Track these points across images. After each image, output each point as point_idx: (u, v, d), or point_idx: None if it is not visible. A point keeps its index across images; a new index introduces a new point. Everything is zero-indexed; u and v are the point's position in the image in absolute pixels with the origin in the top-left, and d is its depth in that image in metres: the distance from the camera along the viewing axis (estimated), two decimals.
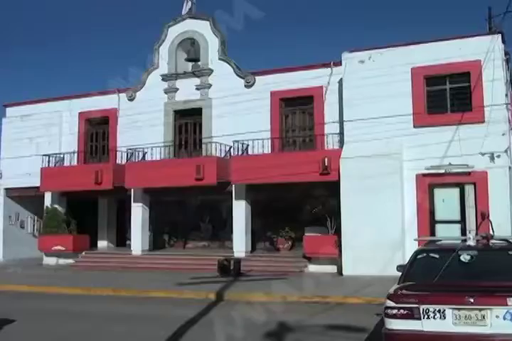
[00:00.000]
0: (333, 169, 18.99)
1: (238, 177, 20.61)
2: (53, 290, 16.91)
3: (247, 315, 12.08)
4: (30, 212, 28.01)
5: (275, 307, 13.20)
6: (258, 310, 12.73)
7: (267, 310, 12.81)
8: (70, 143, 26.02)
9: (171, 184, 21.55)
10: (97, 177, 22.89)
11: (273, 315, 11.85)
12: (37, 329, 10.93)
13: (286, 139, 22.25)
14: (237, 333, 10.23)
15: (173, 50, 24.34)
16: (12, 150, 26.44)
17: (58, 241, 23.83)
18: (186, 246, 24.75)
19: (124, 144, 24.17)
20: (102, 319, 11.99)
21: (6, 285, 18.03)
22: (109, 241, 26.43)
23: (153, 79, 24.67)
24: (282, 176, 19.17)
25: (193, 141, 23.95)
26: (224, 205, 23.48)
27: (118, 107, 25.18)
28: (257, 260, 20.48)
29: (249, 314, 12.25)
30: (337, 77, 20.57)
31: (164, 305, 13.86)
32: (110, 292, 16.05)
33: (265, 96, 22.06)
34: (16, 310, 12.87)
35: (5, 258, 26.45)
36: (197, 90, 23.63)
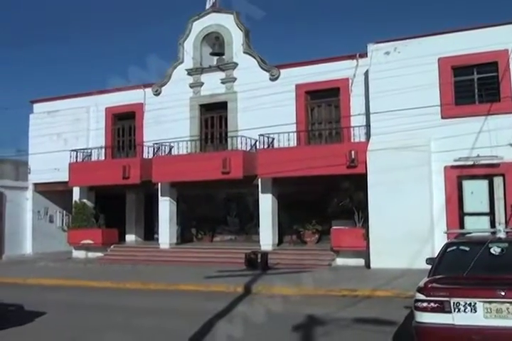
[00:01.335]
0: (360, 162, 18.88)
1: (264, 171, 20.60)
2: (83, 283, 17.14)
3: (275, 308, 12.12)
4: (58, 206, 28.39)
5: (303, 300, 13.23)
6: (286, 303, 12.76)
7: (295, 303, 12.85)
8: (98, 138, 26.28)
9: (198, 178, 21.63)
10: (124, 171, 23.08)
11: (301, 308, 11.87)
12: (67, 322, 11.09)
13: (312, 132, 22.16)
14: (266, 326, 10.28)
15: (197, 44, 24.38)
16: (40, 145, 26.77)
17: (87, 235, 24.13)
18: (213, 240, 24.86)
19: (151, 139, 24.31)
20: (132, 312, 12.11)
21: (37, 279, 18.33)
22: (137, 234, 26.66)
23: (178, 74, 24.75)
24: (309, 169, 19.09)
25: (219, 134, 24.00)
26: (250, 199, 23.53)
27: (144, 102, 25.32)
28: (284, 253, 20.48)
29: (277, 307, 12.29)
30: (363, 69, 20.39)
31: (193, 299, 13.95)
32: (139, 285, 16.20)
33: (290, 89, 21.98)
34: (46, 303, 13.06)
35: (34, 252, 26.86)
36: (222, 84, 23.64)
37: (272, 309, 12.03)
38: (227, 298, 13.18)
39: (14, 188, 27.04)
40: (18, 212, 26.93)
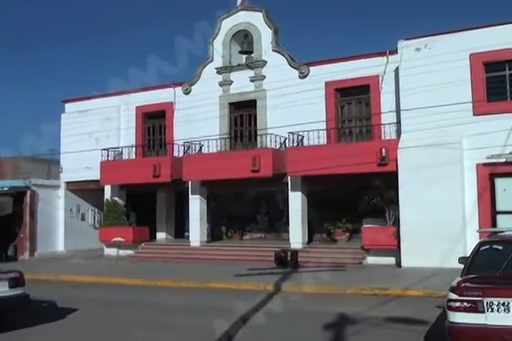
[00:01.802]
0: (390, 159, 18.73)
1: (294, 169, 20.57)
2: (114, 280, 17.33)
3: (305, 307, 12.11)
4: (90, 204, 28.74)
5: (333, 299, 13.20)
6: (316, 302, 12.75)
7: (326, 301, 12.82)
8: (128, 137, 26.52)
9: (227, 176, 21.69)
10: (155, 170, 23.25)
11: (332, 306, 11.84)
12: (99, 319, 11.23)
13: (343, 130, 22.06)
14: (297, 324, 10.28)
15: (226, 42, 24.43)
16: (72, 144, 27.12)
17: (119, 233, 24.36)
18: (243, 238, 24.92)
19: (181, 137, 24.45)
20: (163, 309, 12.20)
21: (69, 276, 18.62)
22: (168, 232, 26.85)
23: (208, 73, 24.83)
24: (339, 167, 18.98)
25: (248, 132, 24.03)
26: (280, 197, 23.53)
27: (174, 101, 25.47)
28: (314, 251, 20.42)
29: (307, 305, 12.28)
30: (393, 66, 20.20)
31: (223, 296, 14.01)
32: (170, 283, 16.32)
33: (320, 87, 21.89)
34: (78, 300, 13.25)
35: (67, 249, 27.24)
36: (251, 82, 23.66)
37: (302, 307, 12.03)
38: (258, 296, 13.19)
39: (46, 187, 27.45)
40: (50, 210, 27.34)
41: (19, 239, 26.35)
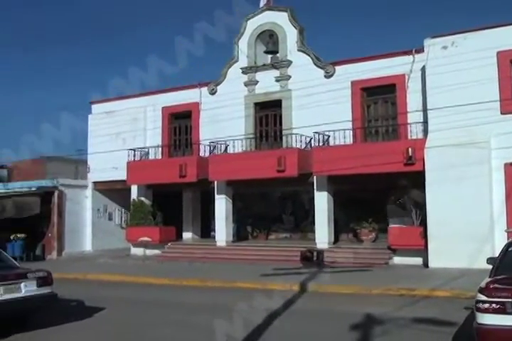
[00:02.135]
0: (417, 159, 18.56)
1: (320, 169, 20.50)
2: (141, 280, 17.46)
3: (331, 307, 12.08)
4: (117, 204, 28.99)
5: (360, 299, 13.14)
6: (343, 302, 12.70)
7: (352, 301, 12.77)
8: (155, 137, 26.68)
9: (253, 176, 21.70)
10: (181, 170, 23.36)
11: (358, 306, 11.79)
12: (126, 318, 11.32)
13: (369, 129, 21.92)
14: (323, 324, 10.25)
15: (252, 42, 24.44)
16: (99, 145, 27.37)
17: (145, 233, 24.52)
18: (269, 238, 24.92)
19: (207, 137, 24.52)
20: (189, 309, 12.26)
21: (97, 275, 18.81)
22: (194, 232, 26.96)
23: (233, 73, 24.88)
24: (365, 167, 18.86)
25: (274, 132, 24.01)
26: (306, 197, 23.48)
27: (200, 101, 25.57)
28: (340, 251, 20.33)
29: (333, 305, 12.25)
30: (420, 65, 20.02)
31: (249, 296, 13.99)
32: (196, 282, 16.39)
33: (346, 86, 21.79)
34: (105, 299, 13.37)
35: (94, 249, 27.52)
36: (276, 82, 23.64)
37: (328, 307, 12.01)
38: (284, 296, 13.18)
39: (74, 187, 27.75)
40: (77, 210, 27.63)
41: (47, 238, 26.68)
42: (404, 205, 19.43)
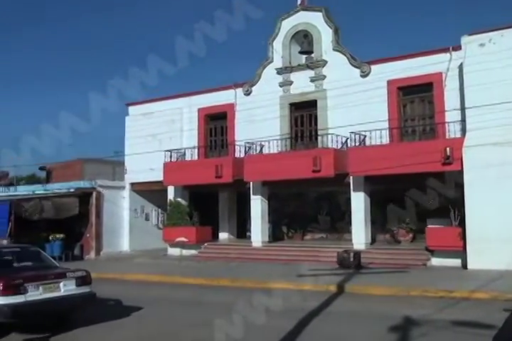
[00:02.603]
0: (455, 158, 18.27)
1: (356, 169, 20.35)
2: (178, 279, 17.58)
3: (369, 308, 11.97)
4: (154, 204, 29.26)
5: (398, 300, 12.99)
6: (380, 303, 12.57)
7: (390, 303, 12.63)
8: (191, 138, 26.87)
9: (289, 176, 21.67)
10: (217, 171, 23.45)
11: (396, 308, 11.67)
12: (163, 317, 11.40)
13: (405, 129, 21.68)
14: (361, 326, 10.16)
15: (286, 43, 24.41)
16: (136, 146, 27.67)
17: (182, 233, 24.68)
18: (304, 238, 24.84)
19: (242, 138, 24.59)
20: (225, 309, 12.26)
21: (134, 275, 19.02)
22: (230, 232, 27.05)
23: (268, 73, 24.89)
24: (402, 167, 18.65)
25: (309, 133, 23.94)
26: (342, 197, 23.32)
27: (235, 102, 25.64)
28: (377, 252, 20.16)
29: (371, 307, 12.14)
30: (457, 62, 19.73)
31: (285, 297, 13.94)
32: (232, 283, 16.42)
33: (382, 86, 21.60)
34: (143, 298, 13.49)
35: (131, 249, 27.82)
36: (311, 82, 23.55)
37: (366, 309, 11.90)
38: (320, 297, 13.12)
39: (112, 188, 28.12)
40: (115, 210, 27.99)
41: (85, 238, 27.09)
42: (442, 205, 19.09)
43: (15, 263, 11.13)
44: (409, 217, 21.14)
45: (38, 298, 9.60)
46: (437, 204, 19.38)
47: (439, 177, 18.74)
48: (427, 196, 20.22)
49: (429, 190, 19.77)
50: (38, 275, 10.06)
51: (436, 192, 19.38)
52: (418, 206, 20.57)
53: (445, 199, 19.11)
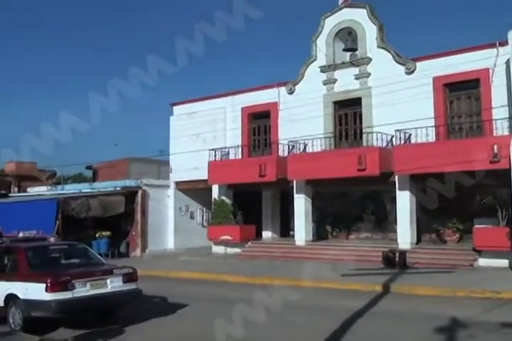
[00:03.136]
0: (503, 156, 17.84)
1: (402, 167, 20.06)
2: (222, 277, 17.68)
3: (415, 308, 11.83)
4: (198, 203, 29.48)
5: (444, 301, 12.79)
6: (426, 304, 12.40)
7: (436, 303, 12.46)
8: (234, 137, 26.97)
9: (333, 175, 21.52)
10: (261, 169, 23.47)
11: (442, 309, 11.51)
12: (208, 315, 11.44)
13: (452, 126, 21.29)
14: (407, 326, 10.05)
15: (330, 40, 24.27)
16: (180, 145, 27.96)
17: (226, 231, 24.85)
18: (349, 237, 24.66)
19: (285, 137, 24.56)
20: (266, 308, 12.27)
21: (179, 272, 19.22)
22: (273, 231, 27.04)
23: (311, 72, 24.78)
24: (449, 165, 18.32)
25: (354, 131, 23.74)
26: (387, 196, 23.05)
27: (279, 101, 25.62)
28: (423, 252, 19.86)
29: (417, 307, 11.98)
30: (504, 58, 19.29)
31: (330, 296, 13.93)
32: (275, 281, 16.41)
33: (427, 83, 21.27)
34: (188, 296, 13.62)
35: (176, 247, 28.10)
36: (356, 80, 23.36)
37: (411, 309, 11.76)
38: (365, 297, 13.02)
39: (157, 186, 28.46)
40: (160, 208, 28.31)
41: (131, 236, 27.49)
42: (489, 205, 18.70)
43: (63, 260, 11.40)
44: (456, 216, 20.78)
45: (85, 294, 9.81)
46: (484, 204, 18.98)
47: (487, 176, 18.35)
48: (474, 195, 19.85)
49: (476, 189, 19.40)
50: (86, 272, 10.28)
51: (484, 191, 18.99)
52: (465, 205, 20.22)
53: (493, 198, 18.70)
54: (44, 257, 11.30)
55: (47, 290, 9.43)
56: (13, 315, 10.00)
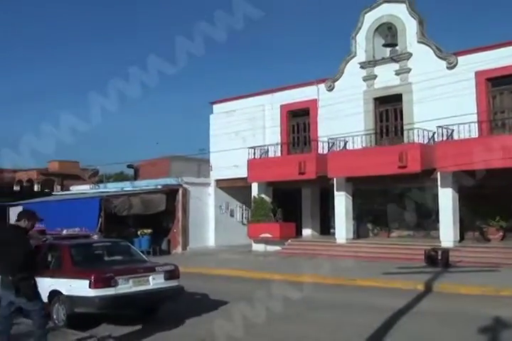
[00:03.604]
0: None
1: (444, 164, 19.75)
2: (263, 275, 17.68)
3: (458, 308, 11.64)
4: (238, 201, 29.60)
5: (488, 300, 12.56)
6: (470, 303, 12.19)
7: (480, 303, 12.24)
8: (273, 135, 26.96)
9: (373, 172, 21.30)
10: (300, 167, 23.40)
11: (487, 309, 11.28)
12: (249, 312, 11.43)
13: (495, 122, 20.86)
14: (450, 326, 9.90)
15: (370, 36, 24.03)
16: (220, 143, 28.16)
17: (266, 229, 24.88)
18: (390, 235, 24.41)
19: (325, 134, 24.43)
20: (308, 305, 12.25)
21: (219, 270, 19.32)
22: (313, 229, 26.97)
23: (351, 68, 24.60)
24: (493, 161, 17.93)
25: (394, 127, 23.48)
26: (429, 193, 22.68)
27: (318, 98, 25.50)
28: (466, 250, 19.53)
29: (460, 306, 11.79)
30: None
31: (370, 294, 13.81)
32: (316, 279, 16.32)
33: (469, 77, 20.87)
34: (228, 293, 13.66)
35: (217, 244, 28.26)
36: (396, 76, 23.07)
37: (454, 309, 11.58)
38: (407, 295, 12.87)
39: (197, 184, 28.69)
40: (201, 206, 28.52)
41: (172, 234, 27.78)
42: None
43: (106, 257, 11.57)
44: (500, 214, 20.37)
45: (127, 290, 9.92)
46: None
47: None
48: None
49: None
50: (128, 269, 10.40)
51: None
52: (508, 203, 19.79)
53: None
54: (87, 254, 11.48)
55: (90, 286, 9.57)
56: (56, 311, 10.18)
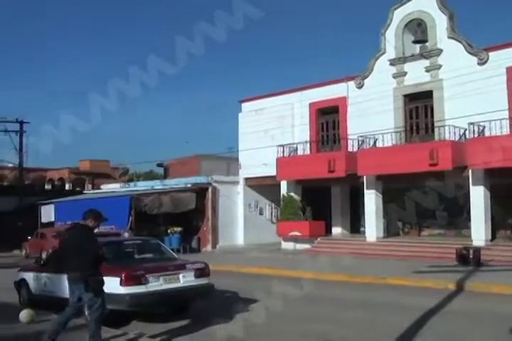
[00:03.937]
0: None
1: (476, 161, 19.48)
2: (292, 273, 17.62)
3: (490, 308, 11.48)
4: (267, 199, 29.62)
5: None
6: (503, 303, 12.02)
7: (511, 303, 12.03)
8: (302, 133, 26.90)
9: (404, 170, 21.11)
10: (329, 165, 23.30)
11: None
12: (279, 312, 11.43)
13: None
14: (481, 325, 9.76)
15: (399, 33, 23.81)
16: (249, 142, 28.20)
17: (295, 227, 24.85)
18: (421, 234, 24.18)
19: (355, 132, 24.28)
20: (338, 304, 12.19)
21: (249, 268, 19.35)
22: (343, 227, 26.83)
23: (380, 65, 24.42)
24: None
25: (425, 125, 23.24)
26: (460, 191, 22.40)
27: (347, 95, 25.37)
28: (498, 249, 19.26)
29: (493, 306, 11.62)
30: None
31: (401, 293, 13.69)
32: (346, 278, 16.28)
33: (501, 73, 20.55)
34: (258, 291, 13.61)
35: (246, 242, 28.32)
36: (426, 72, 22.82)
37: (487, 308, 11.42)
38: (438, 294, 12.71)
39: (226, 183, 28.80)
40: (230, 205, 28.63)
41: (202, 232, 27.93)
42: None
43: (136, 255, 11.65)
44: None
45: (158, 288, 9.97)
46: None
47: None
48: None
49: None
50: (159, 267, 10.46)
51: None
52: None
53: None
54: (118, 252, 11.55)
55: (121, 283, 9.64)
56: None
